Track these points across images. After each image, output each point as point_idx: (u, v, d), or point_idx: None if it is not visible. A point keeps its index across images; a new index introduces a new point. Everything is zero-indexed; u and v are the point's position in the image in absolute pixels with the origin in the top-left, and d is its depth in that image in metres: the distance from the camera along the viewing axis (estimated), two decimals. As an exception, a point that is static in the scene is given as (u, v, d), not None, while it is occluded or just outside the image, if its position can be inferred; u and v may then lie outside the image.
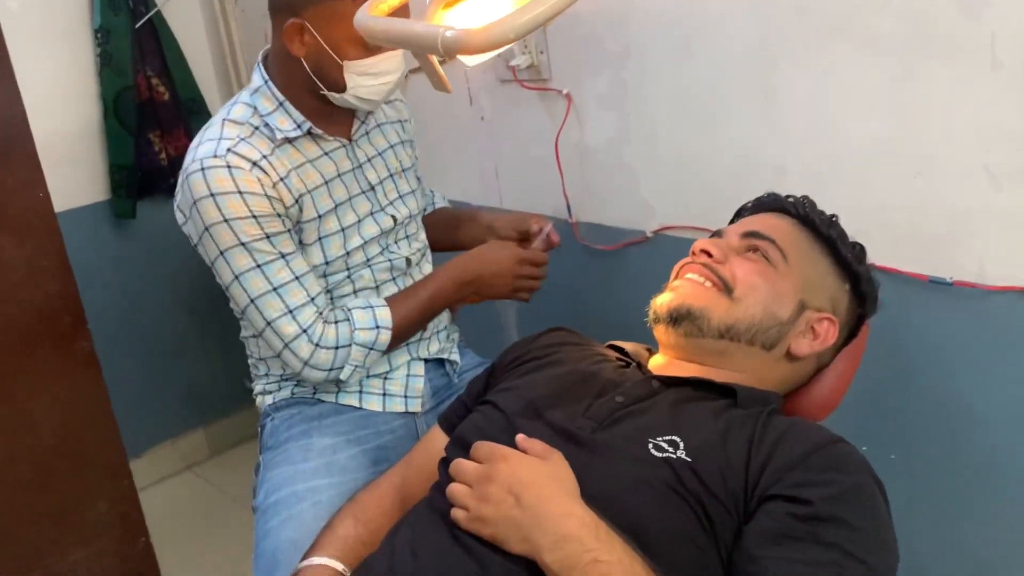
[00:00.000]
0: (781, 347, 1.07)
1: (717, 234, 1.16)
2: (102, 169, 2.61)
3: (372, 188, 1.48)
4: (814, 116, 1.45)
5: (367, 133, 1.50)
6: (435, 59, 0.95)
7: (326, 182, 1.42)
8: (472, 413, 1.10)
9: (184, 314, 2.92)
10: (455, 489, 0.89)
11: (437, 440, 1.15)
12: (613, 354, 1.16)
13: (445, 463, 1.03)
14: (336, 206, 1.43)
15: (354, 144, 1.48)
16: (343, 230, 1.44)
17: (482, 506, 0.86)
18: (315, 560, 1.05)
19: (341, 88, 1.36)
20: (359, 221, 1.46)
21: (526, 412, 1.01)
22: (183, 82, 2.67)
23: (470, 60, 1.08)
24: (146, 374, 2.87)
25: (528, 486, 0.85)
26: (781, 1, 1.42)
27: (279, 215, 1.34)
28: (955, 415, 1.45)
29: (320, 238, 1.42)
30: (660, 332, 1.10)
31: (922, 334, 1.44)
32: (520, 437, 0.92)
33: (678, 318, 1.06)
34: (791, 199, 1.16)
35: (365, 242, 1.46)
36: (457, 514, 0.88)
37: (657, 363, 1.11)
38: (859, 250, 1.14)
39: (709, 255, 1.08)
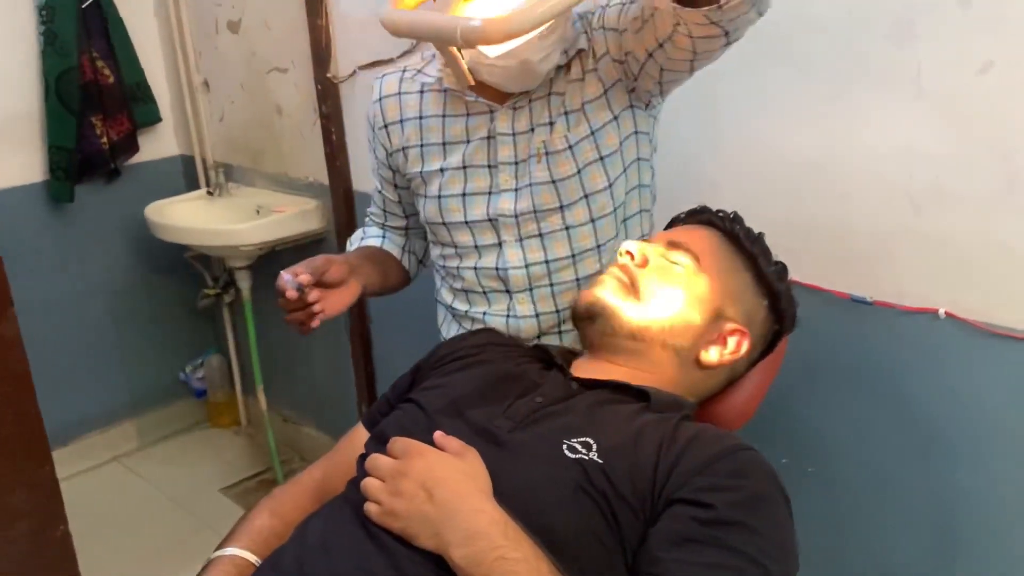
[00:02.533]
0: (692, 354, 1.09)
1: (647, 239, 1.19)
2: (40, 150, 2.56)
3: (497, 165, 1.30)
4: (749, 134, 1.49)
5: (531, 101, 1.28)
6: (456, 52, 0.96)
7: (444, 143, 1.33)
8: (395, 410, 1.11)
9: (120, 302, 2.88)
10: (369, 483, 0.90)
11: (359, 437, 1.15)
12: (540, 354, 1.18)
13: (364, 459, 1.03)
14: (443, 169, 1.33)
15: (503, 111, 1.29)
16: (439, 197, 1.34)
17: (394, 501, 0.87)
18: (228, 551, 1.05)
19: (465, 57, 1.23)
20: (464, 195, 1.32)
21: (447, 410, 1.02)
22: (129, 66, 2.63)
23: (491, 51, 1.09)
24: (77, 362, 2.81)
25: (441, 482, 0.86)
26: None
27: (374, 151, 1.43)
28: (872, 430, 1.49)
29: (425, 196, 1.36)
30: (579, 330, 1.13)
31: (842, 351, 1.48)
32: (437, 434, 0.93)
33: (592, 316, 1.10)
34: (720, 213, 1.19)
35: (471, 224, 1.33)
36: (370, 508, 0.89)
37: (579, 366, 1.13)
38: (780, 268, 1.17)
39: (632, 257, 1.11)
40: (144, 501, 2.76)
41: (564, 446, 0.93)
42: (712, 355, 1.10)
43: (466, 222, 1.33)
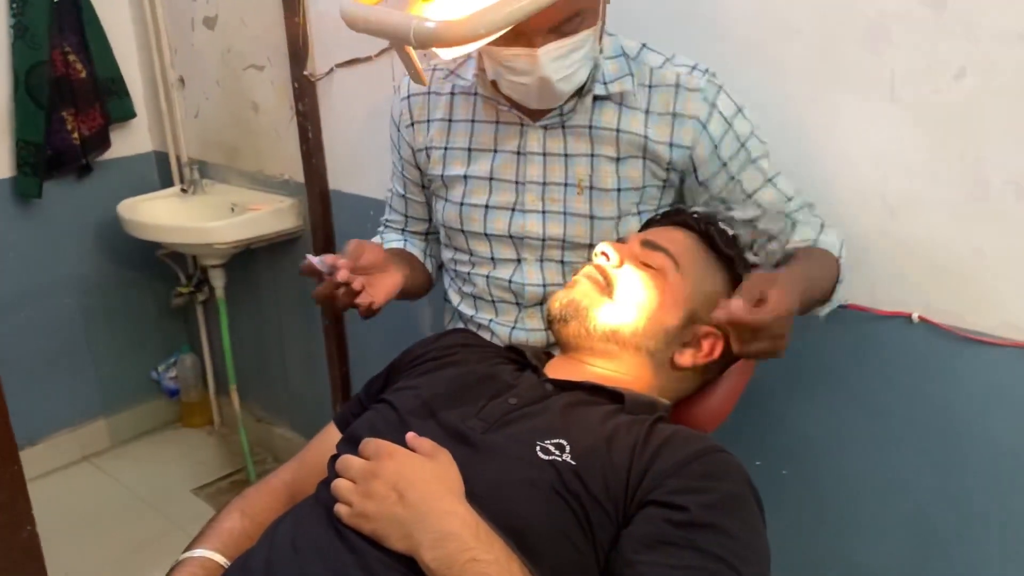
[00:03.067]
0: (665, 355, 1.10)
1: (622, 240, 1.19)
2: (7, 144, 2.52)
3: (524, 183, 1.29)
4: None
5: (563, 126, 1.26)
6: (411, 51, 0.95)
7: (470, 149, 1.31)
8: (367, 411, 1.10)
9: (91, 300, 2.84)
10: (339, 484, 0.89)
11: (331, 438, 1.14)
12: (513, 356, 1.17)
13: (335, 460, 1.02)
14: (467, 176, 1.31)
15: (533, 129, 1.27)
16: (461, 204, 1.32)
17: (365, 502, 0.86)
18: (197, 552, 1.03)
19: (490, 70, 1.20)
20: (487, 207, 1.31)
21: (420, 411, 1.02)
22: (102, 61, 2.60)
23: (445, 53, 1.08)
24: (47, 360, 2.77)
25: (412, 484, 0.86)
26: (700, 25, 1.46)
27: (399, 150, 1.41)
28: (845, 433, 1.50)
29: (446, 200, 1.34)
30: (554, 332, 1.13)
31: (816, 354, 1.49)
32: (410, 435, 0.92)
33: (565, 317, 1.10)
34: (695, 215, 1.19)
35: (490, 236, 1.32)
36: (340, 509, 0.88)
37: (553, 367, 1.13)
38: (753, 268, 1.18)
39: (607, 258, 1.11)
40: (115, 501, 2.72)
41: (537, 447, 0.93)
42: (686, 357, 1.10)
43: (486, 234, 1.32)
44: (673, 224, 1.19)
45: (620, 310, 1.08)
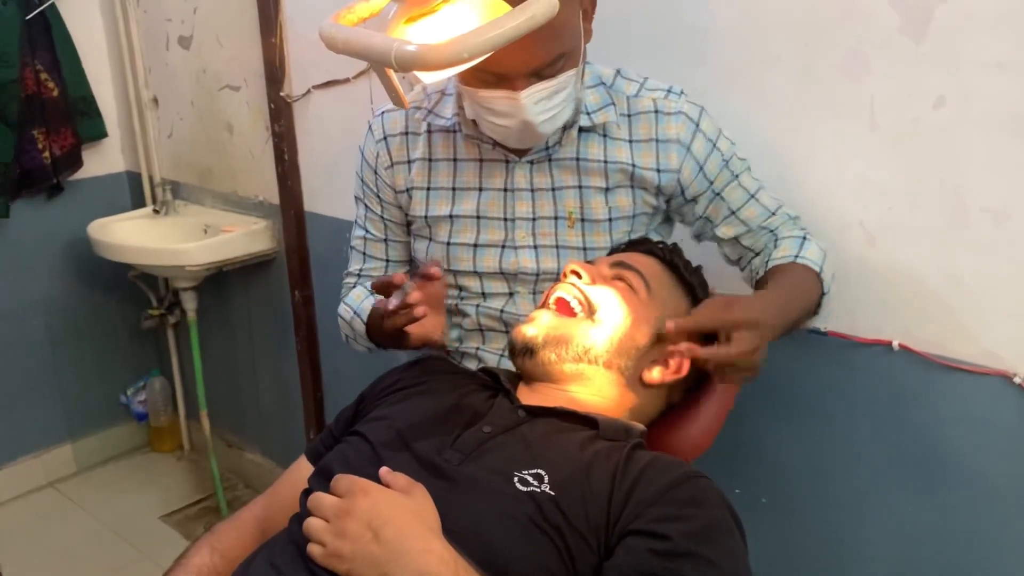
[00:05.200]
0: (635, 373, 1.09)
1: (589, 263, 1.18)
2: (-26, 163, 2.47)
3: (514, 220, 1.27)
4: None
5: (550, 159, 1.24)
6: (392, 74, 0.93)
7: (454, 188, 1.28)
8: (339, 443, 1.07)
9: (58, 321, 2.78)
10: (312, 524, 0.85)
11: (303, 471, 1.11)
12: (486, 380, 1.15)
13: (307, 494, 0.99)
14: (452, 216, 1.28)
15: (520, 165, 1.25)
16: (448, 244, 1.29)
17: (339, 542, 0.83)
18: (165, 589, 0.99)
19: (469, 110, 1.20)
20: (476, 246, 1.28)
21: (393, 443, 0.99)
22: (74, 80, 2.56)
23: (427, 76, 1.06)
24: (11, 382, 2.71)
25: (388, 521, 0.83)
26: (682, 49, 1.46)
27: (377, 194, 1.35)
28: (825, 460, 1.49)
29: (431, 240, 1.31)
30: (517, 365, 1.11)
31: (797, 381, 1.48)
32: (383, 470, 0.89)
33: (530, 349, 1.08)
34: (660, 244, 1.21)
35: (480, 274, 1.29)
36: (313, 550, 0.84)
37: (525, 392, 1.11)
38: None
39: (579, 276, 1.10)
40: (80, 529, 2.64)
41: (515, 479, 0.91)
42: (654, 375, 1.10)
43: (475, 272, 1.29)
44: (639, 252, 1.19)
45: (594, 328, 1.08)
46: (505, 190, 1.26)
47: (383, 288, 1.12)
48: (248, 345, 2.67)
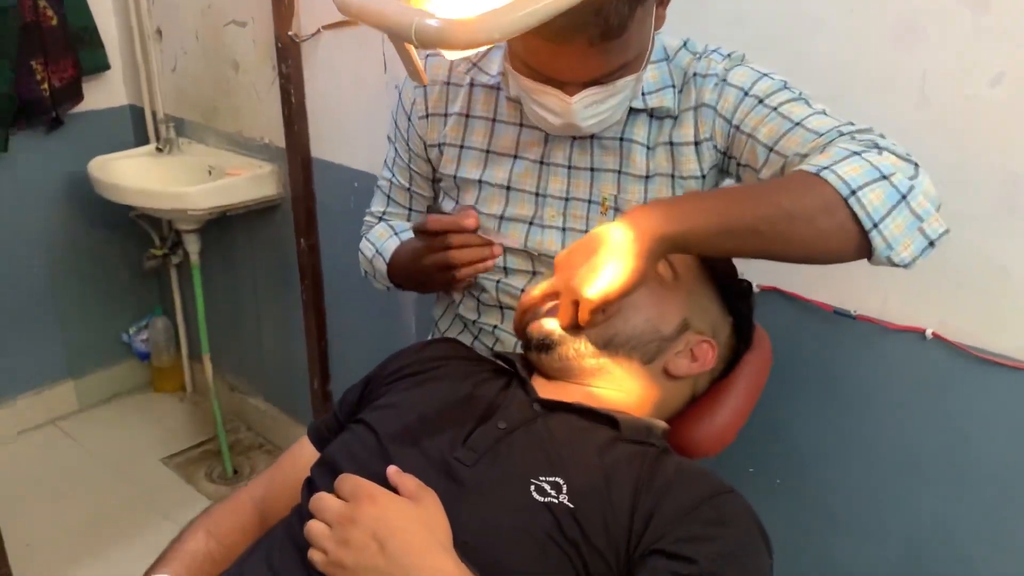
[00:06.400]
0: (659, 363, 1.02)
1: None
2: (-30, 94, 2.38)
3: (545, 196, 1.17)
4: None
5: (593, 137, 1.13)
6: (412, 47, 0.84)
7: (488, 151, 1.19)
8: (344, 431, 1.01)
9: (59, 259, 2.72)
10: (314, 529, 0.80)
11: (305, 454, 1.06)
12: (500, 365, 1.09)
13: (310, 485, 0.94)
14: (481, 182, 1.19)
15: (563, 138, 1.15)
16: (477, 212, 1.18)
17: (342, 551, 0.77)
18: (159, 576, 0.95)
19: (513, 87, 1.09)
20: (502, 218, 1.19)
21: (401, 437, 0.93)
22: (75, 8, 2.45)
23: (451, 53, 0.97)
24: (12, 320, 2.66)
25: (395, 533, 0.77)
26: (716, 6, 1.36)
27: (407, 141, 1.26)
28: (844, 445, 1.44)
29: (457, 202, 1.22)
30: (534, 361, 1.05)
31: (821, 363, 1.42)
32: (392, 471, 0.83)
33: (548, 345, 1.01)
34: None
35: (505, 249, 1.18)
36: (314, 556, 0.79)
37: (540, 381, 1.04)
38: (746, 287, 1.13)
39: None
40: (81, 467, 2.63)
41: (532, 487, 0.85)
42: (681, 366, 1.03)
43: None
44: None
45: (617, 318, 1.00)
46: (541, 163, 1.16)
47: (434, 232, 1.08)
48: (252, 290, 2.62)
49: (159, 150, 2.51)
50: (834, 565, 1.51)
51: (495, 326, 1.23)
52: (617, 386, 1.01)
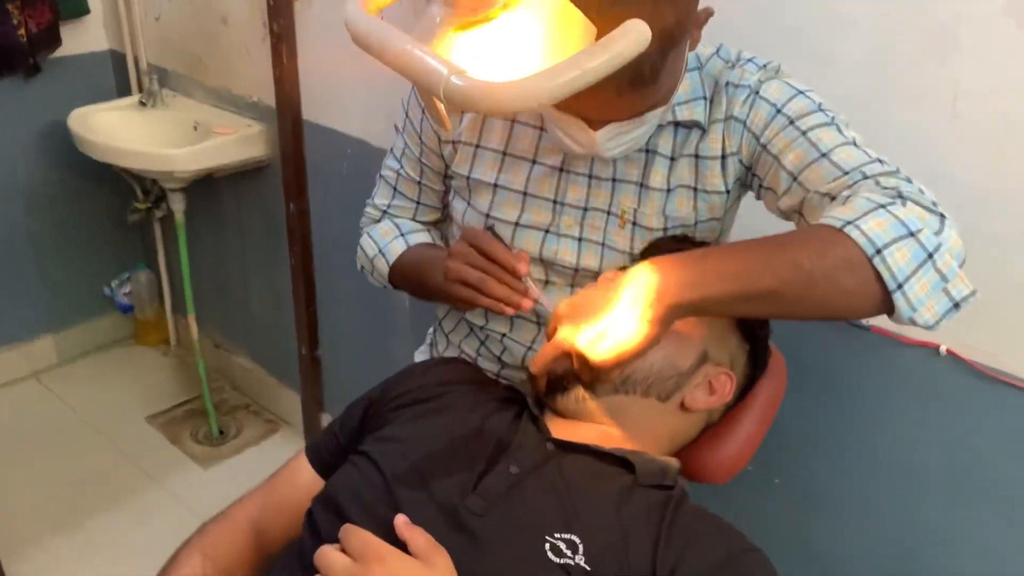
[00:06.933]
0: (676, 399, 0.99)
1: (623, 269, 1.05)
2: (-55, 41, 2.26)
3: (563, 204, 1.11)
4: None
5: (621, 146, 1.03)
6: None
7: (504, 152, 1.12)
8: (346, 463, 0.96)
9: (38, 209, 2.63)
10: (322, 588, 0.76)
11: (304, 475, 1.02)
12: (509, 396, 1.05)
13: (311, 522, 0.90)
14: (496, 186, 1.13)
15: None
16: (488, 216, 1.14)
17: (350, 614, 0.74)
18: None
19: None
20: (517, 225, 1.13)
21: (409, 479, 0.89)
22: (52, -52, 2.32)
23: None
24: (-10, 271, 2.59)
25: None
26: (742, 7, 1.29)
27: (420, 135, 1.20)
28: (849, 452, 1.42)
29: (469, 204, 1.16)
30: (545, 401, 1.00)
31: (832, 372, 1.39)
32: (401, 523, 0.79)
33: (565, 387, 0.97)
34: (701, 243, 1.07)
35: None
36: (320, 616, 0.76)
37: (552, 417, 1.00)
38: None
39: None
40: (62, 425, 2.59)
41: (547, 545, 0.81)
42: (698, 400, 0.99)
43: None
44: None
45: None
46: (561, 170, 1.10)
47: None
48: (239, 251, 2.55)
49: (143, 104, 2.41)
50: (830, 568, 1.50)
51: (504, 334, 1.18)
52: (632, 424, 0.97)
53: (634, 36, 0.64)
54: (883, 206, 0.83)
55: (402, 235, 1.25)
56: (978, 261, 1.18)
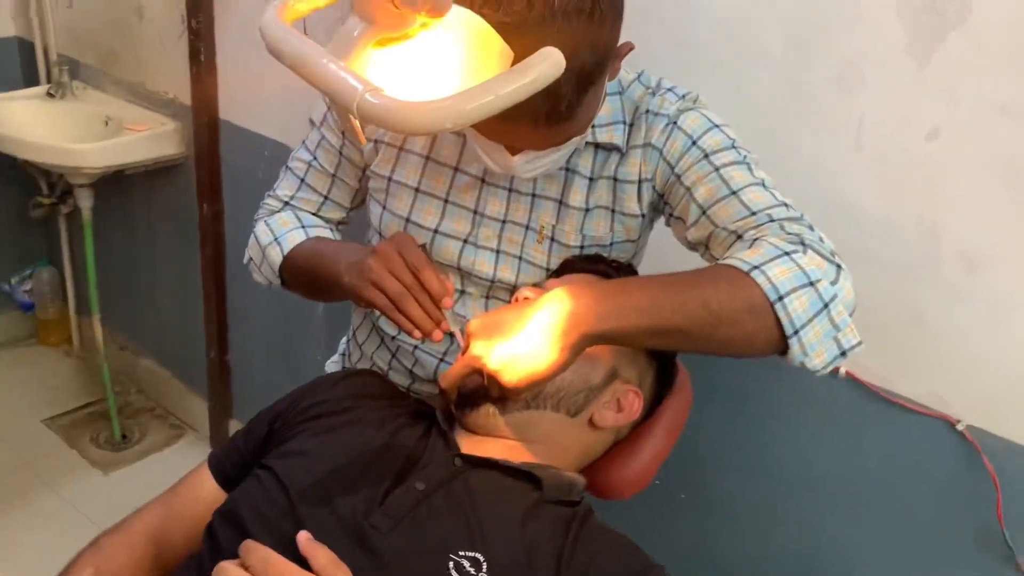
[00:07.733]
0: (585, 415, 1.00)
1: (537, 286, 1.06)
2: None
3: (483, 215, 1.10)
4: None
5: (537, 169, 1.03)
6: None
7: (427, 157, 1.11)
8: (250, 476, 0.94)
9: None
10: (217, 606, 0.75)
11: (205, 486, 1.00)
12: (419, 409, 1.04)
13: (211, 536, 0.88)
14: (418, 191, 1.12)
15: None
16: (407, 220, 1.12)
17: (247, 634, 0.73)
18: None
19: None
20: (436, 232, 1.11)
21: (312, 495, 0.88)
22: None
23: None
24: None
25: None
26: (660, 28, 1.32)
27: (342, 129, 1.15)
28: (752, 466, 1.46)
29: (385, 208, 1.13)
30: (455, 414, 1.00)
31: (736, 390, 1.43)
32: (303, 540, 0.78)
33: (475, 403, 0.97)
34: (615, 264, 1.09)
35: (437, 265, 1.09)
36: (217, 637, 0.74)
37: (461, 432, 1.00)
38: None
39: None
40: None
41: (451, 563, 0.81)
42: (607, 418, 1.00)
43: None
44: (593, 273, 1.06)
45: None
46: (483, 180, 1.10)
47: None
48: (148, 251, 2.48)
49: (51, 95, 2.33)
50: (730, 578, 1.55)
51: (415, 346, 1.18)
52: (542, 439, 0.98)
53: (550, 63, 0.65)
54: (787, 253, 0.88)
55: (303, 227, 1.20)
56: (876, 287, 1.24)
